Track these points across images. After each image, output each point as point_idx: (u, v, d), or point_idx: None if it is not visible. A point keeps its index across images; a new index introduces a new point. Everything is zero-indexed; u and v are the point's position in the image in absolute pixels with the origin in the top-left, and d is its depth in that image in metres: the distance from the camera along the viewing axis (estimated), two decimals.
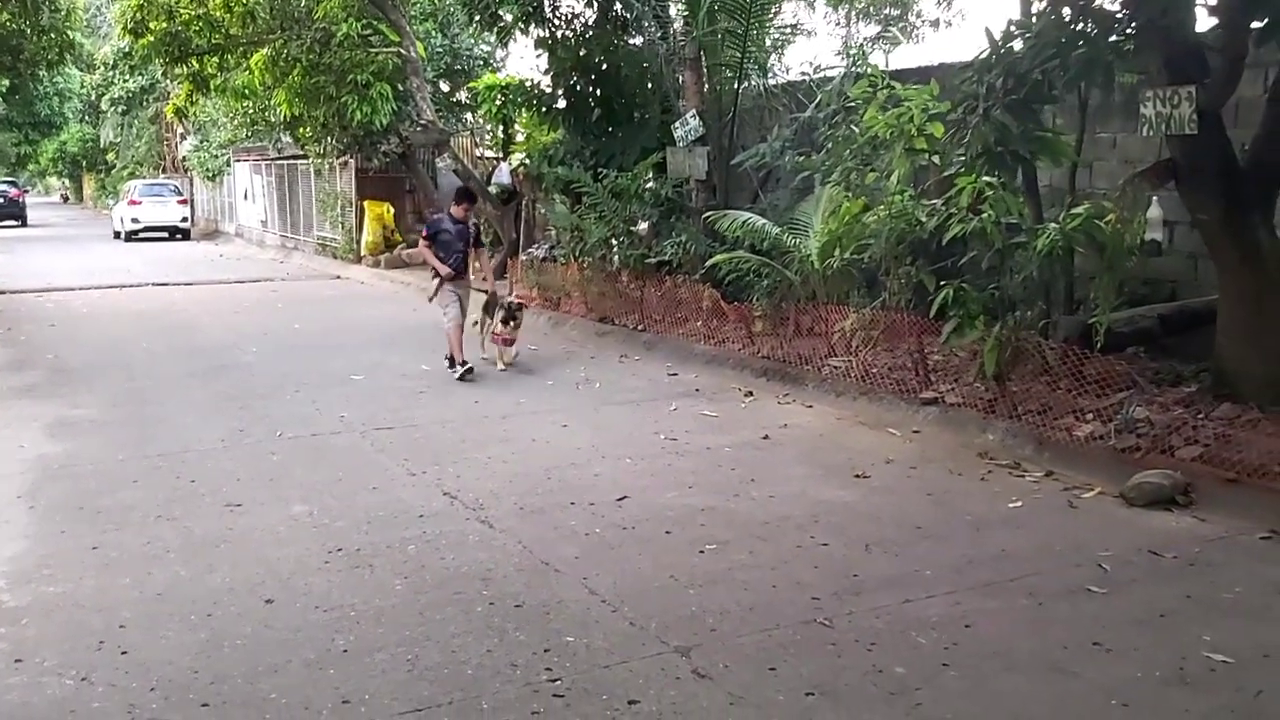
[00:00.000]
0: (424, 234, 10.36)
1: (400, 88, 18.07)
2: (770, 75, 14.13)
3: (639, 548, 5.50)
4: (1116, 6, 6.44)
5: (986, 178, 7.57)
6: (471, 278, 10.72)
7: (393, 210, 21.65)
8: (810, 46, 48.07)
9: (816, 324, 10.14)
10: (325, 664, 4.17)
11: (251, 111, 22.55)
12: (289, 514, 6.02)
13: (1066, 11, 6.32)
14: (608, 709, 3.82)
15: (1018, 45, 6.70)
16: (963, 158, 7.52)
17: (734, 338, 10.76)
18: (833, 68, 13.01)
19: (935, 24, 19.20)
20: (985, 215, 7.56)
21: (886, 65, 12.04)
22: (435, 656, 4.23)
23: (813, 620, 4.59)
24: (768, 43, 14.59)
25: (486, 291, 10.76)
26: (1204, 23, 7.06)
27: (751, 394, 9.22)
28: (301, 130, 20.49)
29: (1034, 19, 6.68)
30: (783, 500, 6.28)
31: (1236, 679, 4.04)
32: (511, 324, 10.36)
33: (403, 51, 17.37)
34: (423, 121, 18.02)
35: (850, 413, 8.49)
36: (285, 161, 25.61)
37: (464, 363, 9.88)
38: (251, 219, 29.68)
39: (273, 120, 21.80)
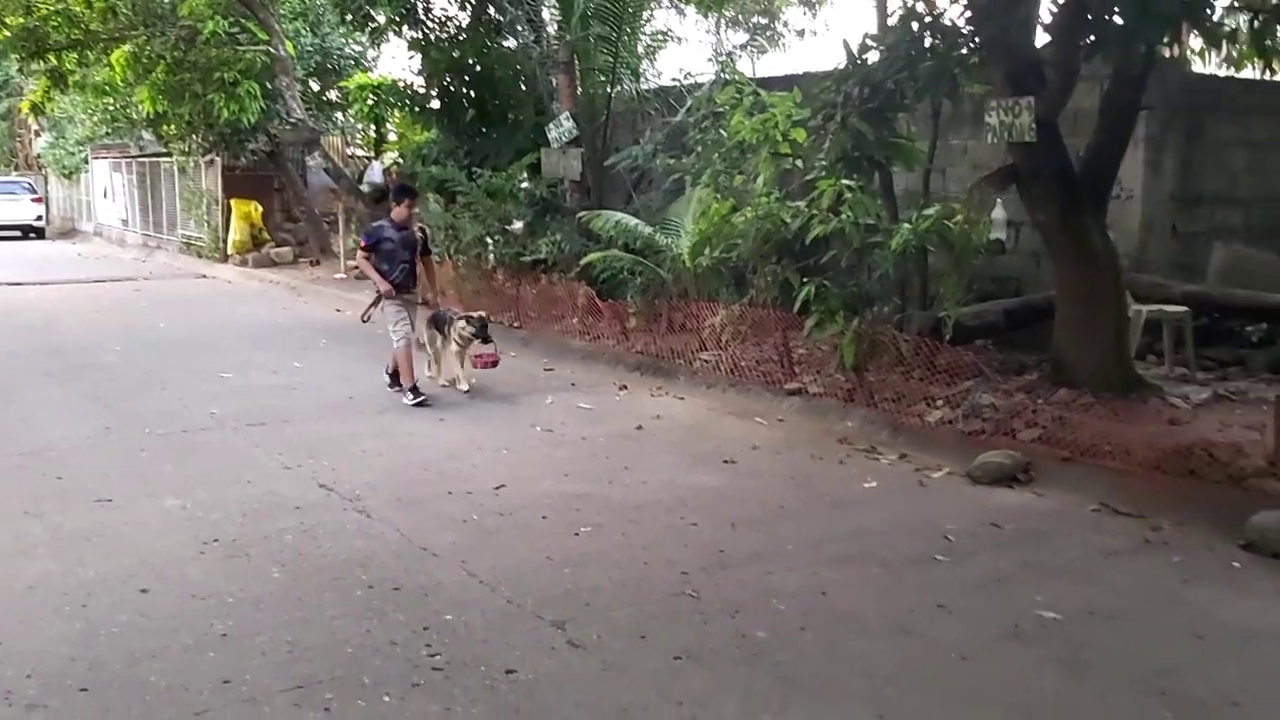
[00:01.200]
0: (362, 245, 9.12)
1: (269, 86, 17.84)
2: (643, 80, 14.46)
3: (516, 532, 5.67)
4: (962, 23, 6.89)
5: (845, 181, 7.99)
6: (418, 292, 9.22)
7: (261, 209, 21.24)
8: (686, 53, 48.79)
9: (688, 320, 10.46)
10: (204, 648, 4.22)
11: (112, 108, 21.88)
12: (161, 508, 5.99)
13: (916, 26, 6.74)
14: (486, 679, 3.98)
15: (873, 57, 7.10)
16: (824, 162, 7.90)
17: (609, 334, 11.00)
18: (702, 74, 13.40)
19: (801, 33, 19.92)
20: (844, 216, 7.96)
21: (754, 73, 12.44)
22: (315, 638, 4.32)
23: (681, 593, 4.83)
24: (640, 48, 14.95)
25: (428, 304, 9.35)
26: (1042, 39, 7.62)
27: (626, 387, 9.46)
28: (165, 128, 20.02)
29: (887, 33, 7.08)
30: (654, 486, 6.53)
31: (1064, 633, 4.43)
32: (488, 341, 9.17)
33: (271, 50, 17.14)
34: (292, 120, 17.81)
35: (720, 404, 8.82)
36: (148, 159, 24.85)
37: (414, 389, 8.68)
38: (111, 217, 28.67)
39: (135, 117, 21.20)
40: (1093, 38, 6.53)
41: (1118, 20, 6.23)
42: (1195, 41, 8.07)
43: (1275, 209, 10.17)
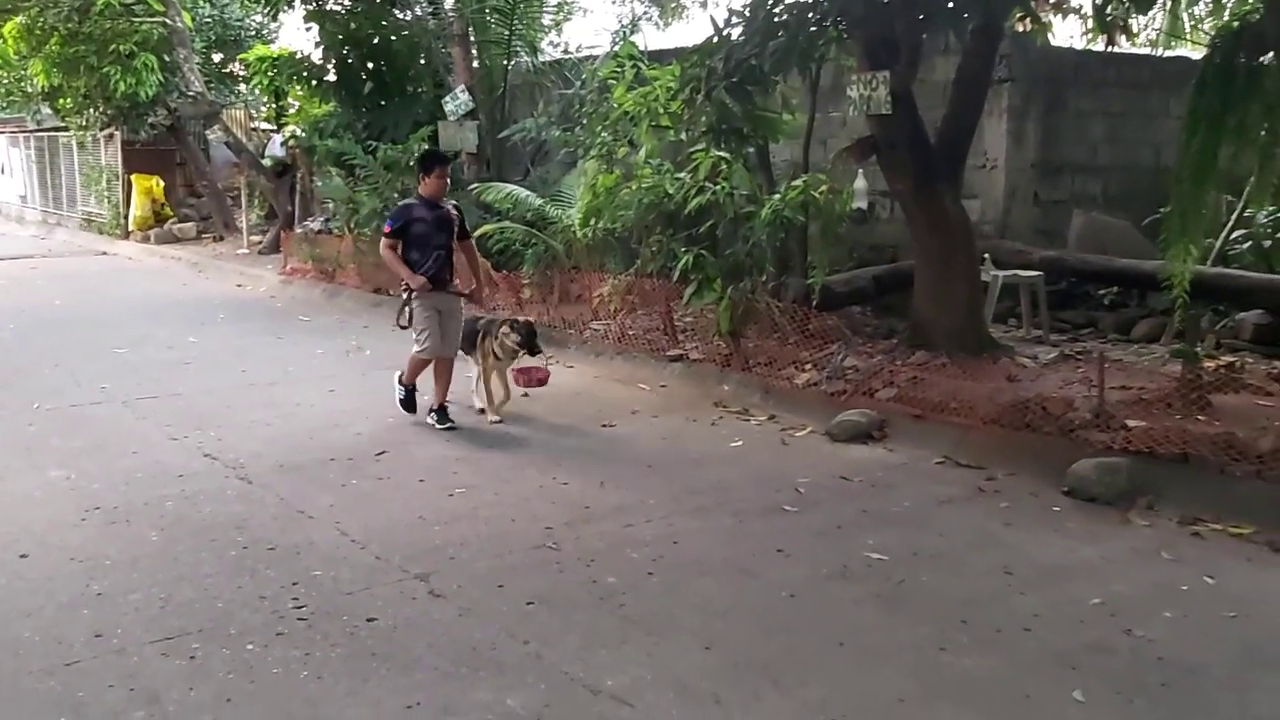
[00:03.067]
0: (386, 230, 7.27)
1: (167, 59, 17.62)
2: (541, 53, 14.64)
3: (392, 494, 5.93)
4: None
5: (721, 153, 8.34)
6: (459, 284, 7.49)
7: (163, 184, 20.96)
8: (596, 24, 48.82)
9: (582, 290, 10.75)
10: (79, 606, 4.43)
11: (6, 82, 21.37)
12: (45, 479, 6.14)
13: (771, 2, 7.07)
14: (348, 626, 4.27)
15: (736, 32, 7.43)
16: (697, 134, 8.24)
17: (504, 305, 11.23)
18: (597, 47, 13.63)
19: (704, 3, 20.12)
20: (719, 188, 8.32)
21: (652, 45, 12.71)
22: (187, 594, 4.56)
23: (542, 545, 5.16)
24: (546, 20, 15.12)
25: (474, 300, 7.72)
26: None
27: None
28: (62, 101, 19.63)
29: (746, 9, 7.40)
30: (533, 448, 6.84)
31: (887, 572, 4.85)
32: (537, 352, 7.49)
33: (168, 21, 16.95)
34: (191, 93, 17.65)
35: (607, 371, 9.15)
36: (45, 134, 24.28)
37: (442, 409, 7.28)
38: (9, 194, 27.92)
39: (30, 91, 20.75)
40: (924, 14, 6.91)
41: None
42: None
43: (1131, 178, 10.77)
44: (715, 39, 7.49)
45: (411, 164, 12.77)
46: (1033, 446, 6.39)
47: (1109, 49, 8.06)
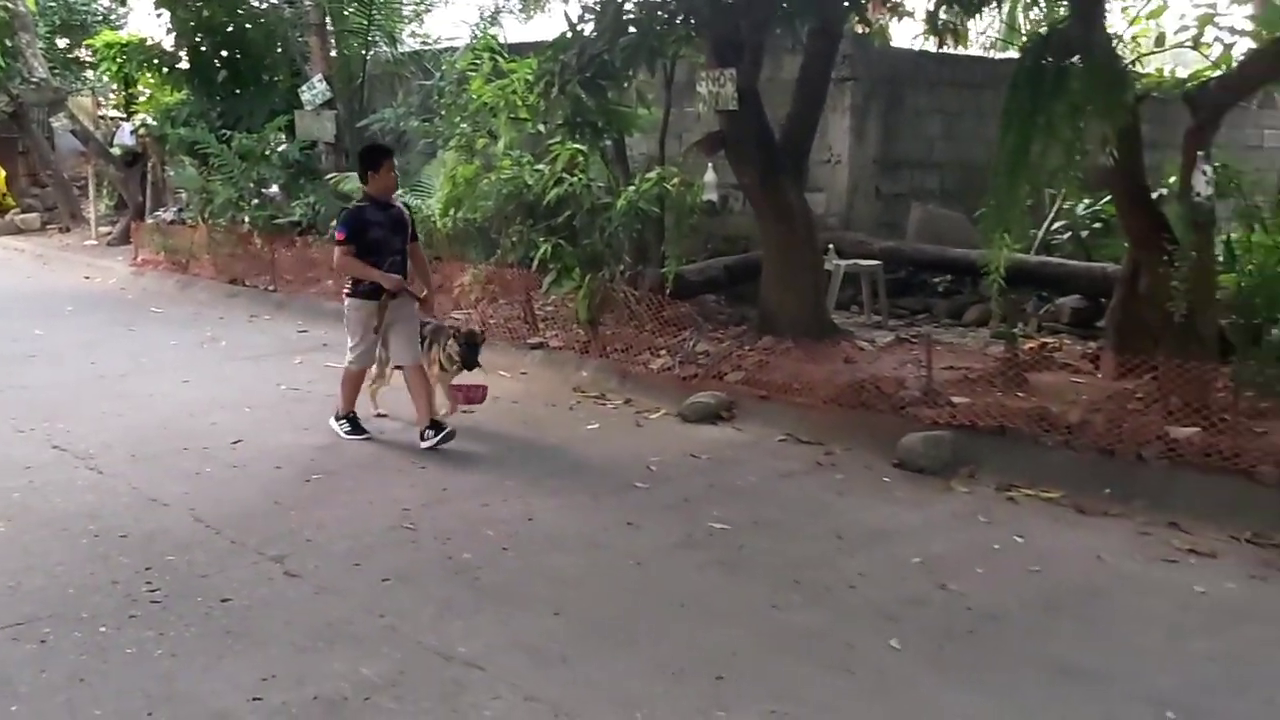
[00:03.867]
0: (339, 235, 6.63)
1: (9, 43, 16.91)
2: (401, 44, 14.58)
3: (247, 482, 5.97)
4: None
5: (578, 145, 8.56)
6: (414, 288, 6.98)
7: (4, 173, 20.05)
8: (459, 16, 48.35)
9: (443, 281, 10.81)
10: None
11: None
12: None
13: None
14: (202, 608, 4.33)
15: (590, 28, 7.65)
16: (552, 127, 8.44)
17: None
18: (458, 38, 13.69)
19: None
20: (577, 179, 8.54)
21: (506, 39, 12.80)
22: (38, 582, 4.55)
23: (399, 526, 5.29)
24: (406, 11, 15.04)
25: (424, 306, 7.04)
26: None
27: None
28: None
29: (598, 5, 7.62)
30: (392, 436, 6.94)
31: (729, 540, 5.15)
32: (473, 367, 7.01)
33: (9, 5, 16.27)
34: (35, 79, 17.01)
35: None
36: None
37: (350, 417, 6.87)
38: None
39: None
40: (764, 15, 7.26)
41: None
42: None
43: (966, 173, 11.40)
44: (569, 34, 7.69)
45: (268, 154, 12.69)
46: (868, 423, 6.80)
47: (940, 50, 8.55)
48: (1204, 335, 6.24)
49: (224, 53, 14.79)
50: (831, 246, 9.69)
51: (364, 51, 13.52)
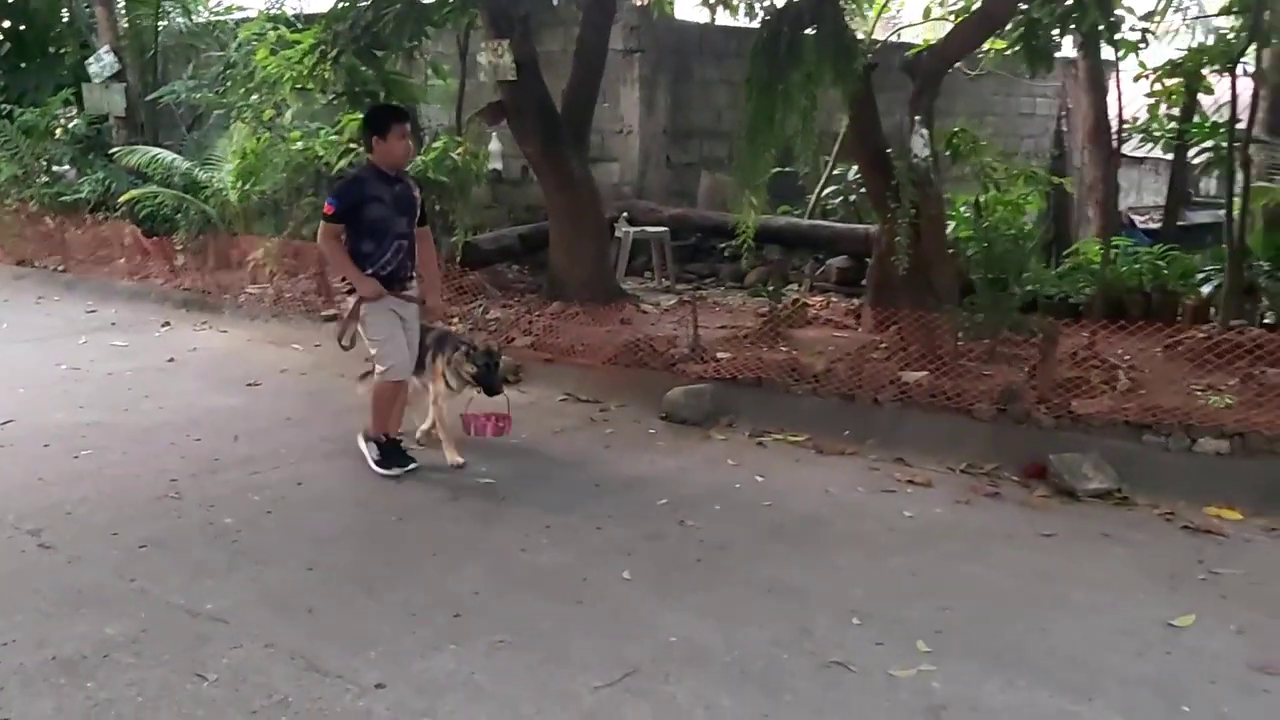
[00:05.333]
0: (327, 210, 5.43)
1: None
2: (195, 14, 14.19)
3: (12, 460, 5.88)
4: None
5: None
6: (415, 288, 5.74)
7: None
8: None
9: (238, 255, 10.70)
10: None
11: None
12: None
13: None
14: None
15: None
16: (337, 95, 8.48)
17: (158, 272, 11.01)
18: (249, 9, 13.44)
19: None
20: (363, 150, 8.58)
21: (301, 9, 12.66)
22: None
23: (165, 496, 5.34)
24: None
25: (430, 310, 5.99)
26: None
27: (169, 324, 9.64)
28: None
29: None
30: (170, 410, 6.92)
31: (492, 493, 5.41)
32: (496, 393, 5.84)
33: None
34: None
35: (261, 334, 9.24)
36: None
37: (388, 441, 5.70)
38: None
39: None
40: None
41: None
42: None
43: None
44: (342, 4, 7.74)
45: (54, 129, 12.21)
46: (643, 380, 7.16)
47: (713, 22, 8.92)
48: (939, 287, 6.81)
49: (6, 24, 14.12)
50: (625, 214, 10.02)
51: (155, 22, 13.11)
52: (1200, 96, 8.74)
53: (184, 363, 8.24)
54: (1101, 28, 5.93)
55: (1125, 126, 8.98)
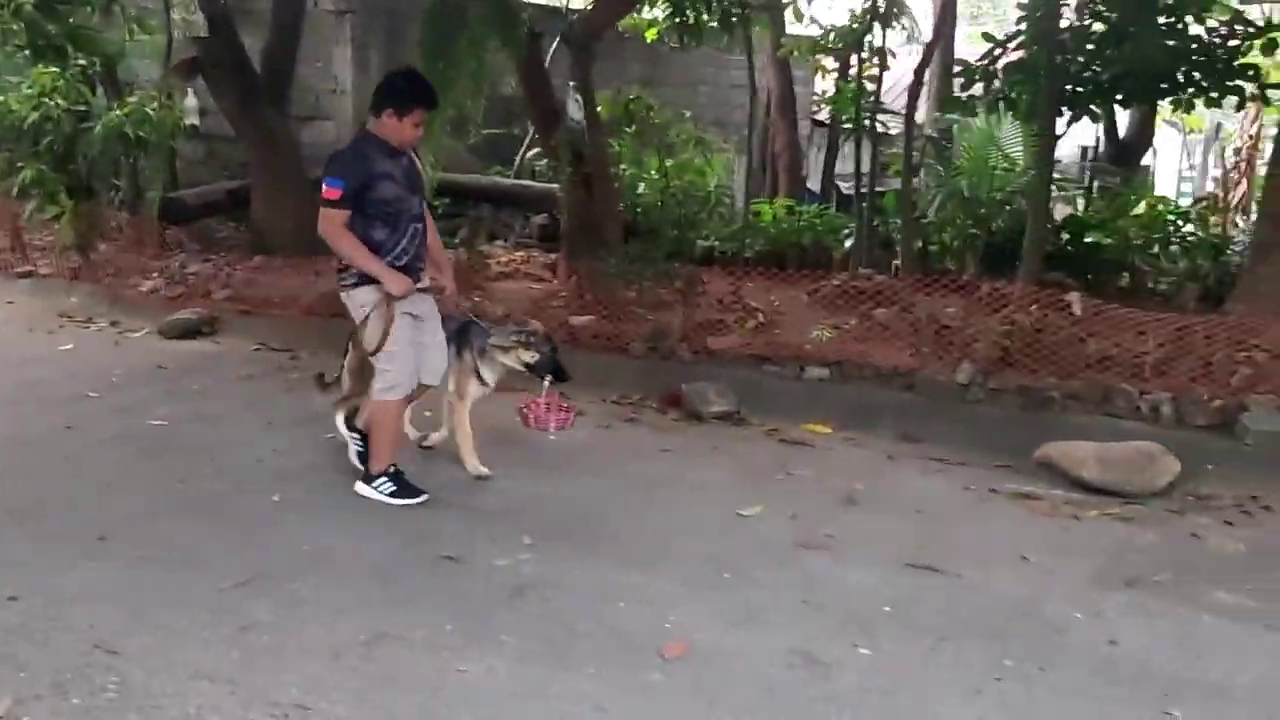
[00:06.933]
0: (329, 191, 4.45)
1: None
2: None
3: None
4: None
5: (55, 68, 8.47)
6: (426, 277, 4.91)
7: None
8: None
9: None
10: None
11: None
12: None
13: None
14: None
15: None
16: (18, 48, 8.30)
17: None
18: None
19: None
20: (55, 103, 8.46)
21: None
22: None
23: None
24: None
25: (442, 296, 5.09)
26: None
27: None
28: None
29: None
30: None
31: (163, 434, 5.63)
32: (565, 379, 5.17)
33: None
34: None
35: None
36: None
37: (396, 474, 4.74)
38: None
39: None
40: None
41: None
42: None
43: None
44: None
45: None
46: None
47: None
48: (609, 240, 7.46)
49: None
50: None
51: None
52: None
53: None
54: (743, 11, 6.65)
55: (814, 98, 9.93)
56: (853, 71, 10.13)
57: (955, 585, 4.02)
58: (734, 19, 6.66)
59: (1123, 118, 11.68)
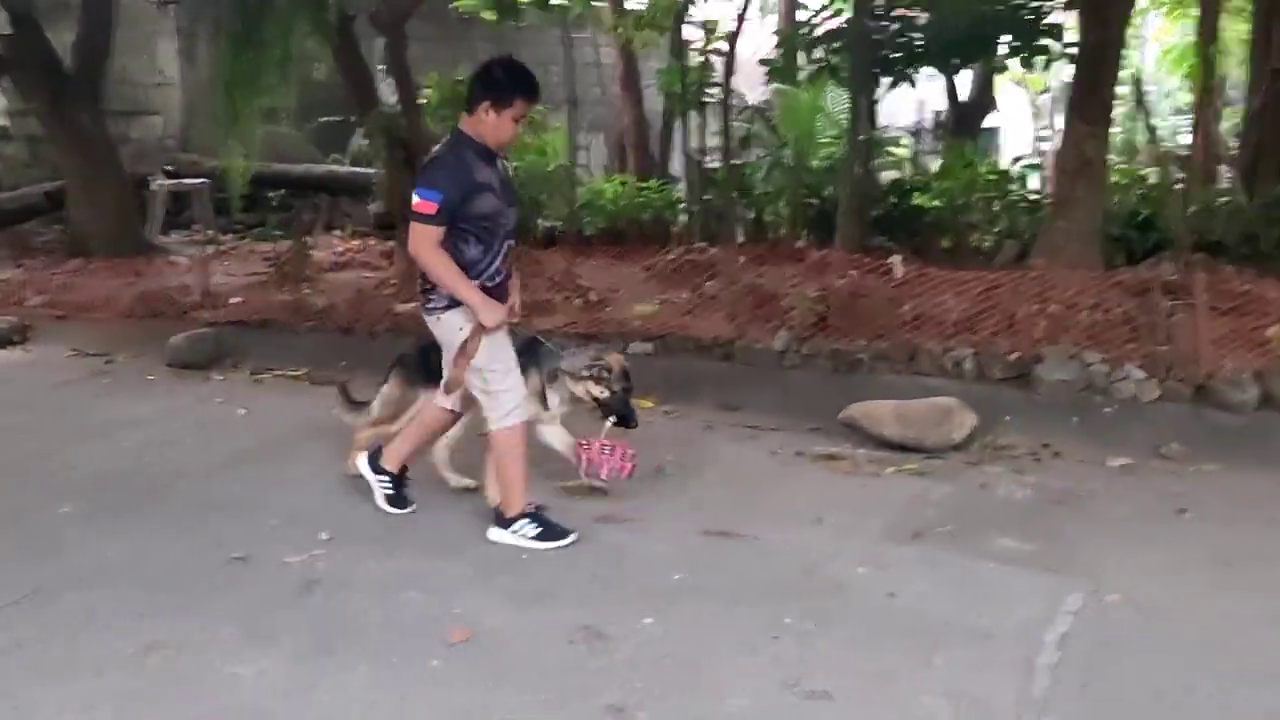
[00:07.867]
0: (425, 205, 3.84)
1: None
2: None
3: None
4: None
5: None
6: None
7: None
8: None
9: None
10: None
11: None
12: None
13: None
14: None
15: None
16: None
17: None
18: None
19: None
20: None
21: None
22: None
23: None
24: None
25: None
26: None
27: None
28: None
29: None
30: None
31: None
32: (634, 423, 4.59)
33: None
34: None
35: None
36: None
37: (540, 516, 4.19)
38: None
39: None
40: None
41: None
42: None
43: (306, 94, 12.02)
44: None
45: None
46: (157, 330, 7.27)
47: None
48: None
49: None
50: (169, 168, 9.90)
51: None
52: None
53: None
54: None
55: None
56: (697, 46, 10.18)
57: (749, 549, 4.07)
58: None
59: (966, 83, 11.94)
